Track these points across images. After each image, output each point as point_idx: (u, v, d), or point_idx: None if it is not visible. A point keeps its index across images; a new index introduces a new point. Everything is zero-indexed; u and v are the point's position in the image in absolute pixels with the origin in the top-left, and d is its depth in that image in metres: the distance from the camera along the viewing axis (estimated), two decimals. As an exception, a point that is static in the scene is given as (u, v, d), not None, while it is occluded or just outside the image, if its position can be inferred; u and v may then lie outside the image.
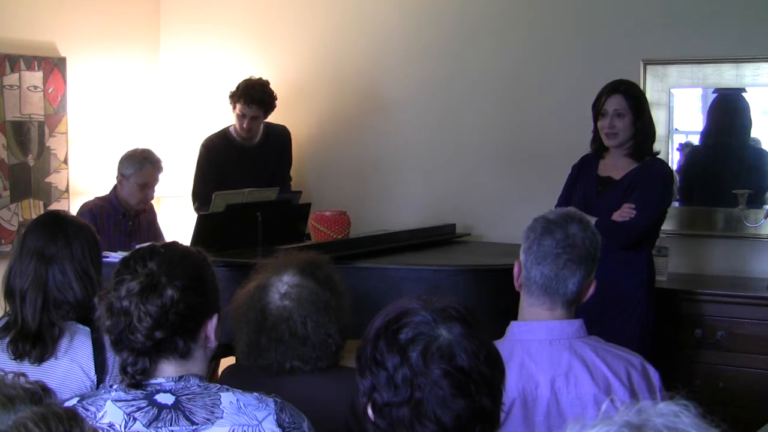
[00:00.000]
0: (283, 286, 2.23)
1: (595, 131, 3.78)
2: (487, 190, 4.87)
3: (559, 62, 4.72)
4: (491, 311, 3.52)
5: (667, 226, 4.40)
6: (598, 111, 3.73)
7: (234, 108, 4.77)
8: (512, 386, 2.05)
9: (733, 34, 4.34)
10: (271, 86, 4.79)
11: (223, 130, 4.89)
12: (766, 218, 4.24)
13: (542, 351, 2.13)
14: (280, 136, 5.00)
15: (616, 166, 3.75)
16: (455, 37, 4.96)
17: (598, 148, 3.80)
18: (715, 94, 4.46)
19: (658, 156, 3.79)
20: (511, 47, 4.83)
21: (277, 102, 4.81)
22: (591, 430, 1.08)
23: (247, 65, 5.33)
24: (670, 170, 3.86)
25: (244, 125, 4.77)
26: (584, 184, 3.81)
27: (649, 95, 4.44)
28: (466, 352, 1.45)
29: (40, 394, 1.25)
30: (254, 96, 4.71)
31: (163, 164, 4.58)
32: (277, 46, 5.37)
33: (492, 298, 3.61)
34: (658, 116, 4.44)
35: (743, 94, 4.39)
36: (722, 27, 4.37)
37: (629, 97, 3.68)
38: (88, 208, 4.45)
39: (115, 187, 4.52)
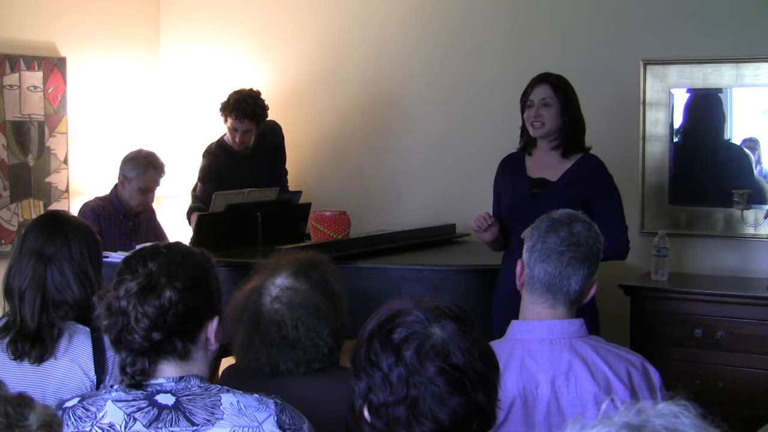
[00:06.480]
0: (275, 289, 2.21)
1: (523, 125, 3.62)
2: (488, 190, 4.84)
3: (559, 63, 4.69)
4: (491, 311, 3.53)
5: (666, 226, 4.41)
6: (524, 102, 3.58)
7: (225, 121, 4.66)
8: (513, 385, 2.06)
9: (733, 34, 4.34)
10: (270, 88, 4.76)
11: (219, 139, 4.82)
12: (766, 218, 4.24)
13: (543, 350, 2.13)
14: (271, 134, 4.91)
15: (545, 164, 3.55)
16: (456, 38, 4.95)
17: (525, 144, 3.63)
18: (690, 94, 4.44)
19: (591, 151, 3.57)
20: (510, 48, 4.82)
21: (268, 112, 4.72)
22: (590, 430, 1.08)
23: (248, 65, 5.33)
24: (604, 165, 3.59)
25: (237, 139, 4.66)
26: (513, 187, 3.61)
27: (649, 95, 4.44)
28: (461, 350, 1.45)
29: None
30: (245, 110, 4.58)
31: (167, 168, 4.54)
32: (277, 45, 5.37)
33: (492, 298, 3.60)
34: (657, 116, 4.45)
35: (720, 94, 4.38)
36: (722, 27, 4.37)
37: (556, 87, 3.53)
38: (90, 208, 4.44)
39: (116, 186, 4.52)
